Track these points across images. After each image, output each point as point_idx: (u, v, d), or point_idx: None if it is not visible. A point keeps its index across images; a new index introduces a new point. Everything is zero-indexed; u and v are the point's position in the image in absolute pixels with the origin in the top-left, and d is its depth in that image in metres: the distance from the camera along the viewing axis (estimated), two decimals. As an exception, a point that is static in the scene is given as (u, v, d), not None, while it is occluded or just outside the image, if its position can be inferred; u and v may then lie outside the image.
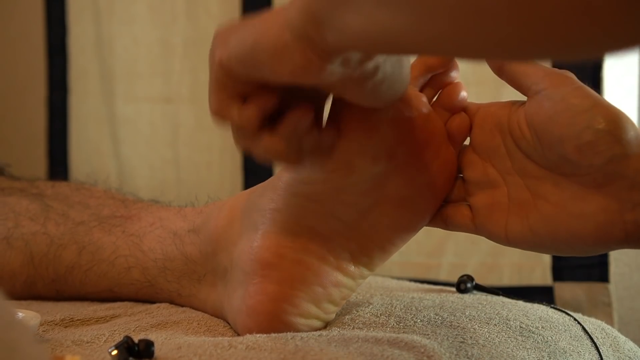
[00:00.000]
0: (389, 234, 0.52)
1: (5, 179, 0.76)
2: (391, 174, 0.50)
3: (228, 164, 1.18)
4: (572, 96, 0.45)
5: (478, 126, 0.51)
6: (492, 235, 0.50)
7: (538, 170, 0.47)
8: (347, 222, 0.51)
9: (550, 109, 0.45)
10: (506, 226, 0.49)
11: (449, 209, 0.52)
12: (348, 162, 0.49)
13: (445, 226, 0.53)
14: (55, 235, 0.65)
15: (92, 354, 0.48)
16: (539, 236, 0.47)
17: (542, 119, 0.46)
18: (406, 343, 0.47)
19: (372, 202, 0.51)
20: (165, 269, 0.60)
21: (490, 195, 0.50)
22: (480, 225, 0.50)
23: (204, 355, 0.44)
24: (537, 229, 0.47)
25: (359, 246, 0.52)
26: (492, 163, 0.50)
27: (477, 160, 0.51)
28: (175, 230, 0.61)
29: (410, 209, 0.52)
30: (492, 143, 0.50)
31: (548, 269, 1.03)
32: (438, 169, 0.51)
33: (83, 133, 1.24)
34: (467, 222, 0.51)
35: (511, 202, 0.49)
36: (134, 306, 0.61)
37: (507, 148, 0.49)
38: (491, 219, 0.50)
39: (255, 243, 0.51)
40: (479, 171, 0.51)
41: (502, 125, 0.49)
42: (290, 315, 0.51)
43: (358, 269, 0.53)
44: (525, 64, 0.48)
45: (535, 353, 0.53)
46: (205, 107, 1.37)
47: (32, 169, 1.13)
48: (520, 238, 0.48)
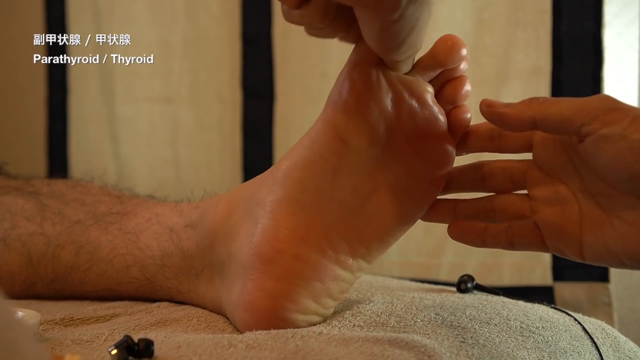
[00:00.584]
0: (387, 224, 0.52)
1: (1, 177, 0.76)
2: (389, 159, 0.51)
3: (228, 164, 1.18)
4: (632, 131, 0.42)
5: (539, 144, 0.49)
6: (566, 254, 0.48)
7: (610, 190, 0.46)
8: (345, 211, 0.51)
9: (612, 150, 0.43)
10: (581, 244, 0.47)
11: (515, 228, 0.51)
12: (344, 139, 0.50)
13: (512, 247, 0.51)
14: (52, 235, 0.65)
15: (91, 353, 0.48)
16: (616, 254, 0.46)
17: (604, 162, 0.44)
18: (406, 343, 0.47)
19: (370, 188, 0.51)
20: (163, 266, 0.60)
21: (561, 212, 0.48)
22: (552, 243, 0.49)
23: (204, 355, 0.44)
24: (613, 248, 0.46)
25: (357, 237, 0.52)
26: (561, 180, 0.49)
27: (544, 177, 0.50)
28: (171, 225, 0.61)
29: (409, 199, 0.52)
30: (558, 161, 0.48)
31: (548, 269, 1.03)
32: (437, 160, 0.51)
33: (83, 133, 1.24)
34: (537, 241, 0.50)
35: (583, 219, 0.47)
36: (134, 305, 0.61)
37: (574, 166, 0.48)
38: (565, 238, 0.48)
39: (255, 237, 0.51)
40: (548, 188, 0.49)
41: (566, 143, 0.48)
42: (289, 311, 0.50)
43: (356, 262, 0.52)
44: (551, 101, 0.46)
45: (536, 353, 0.53)
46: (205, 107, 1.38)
47: (32, 169, 1.13)
48: (597, 255, 0.47)
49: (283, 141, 1.14)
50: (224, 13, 1.16)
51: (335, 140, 0.50)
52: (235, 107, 1.17)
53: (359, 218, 0.51)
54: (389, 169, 0.51)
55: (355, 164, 0.50)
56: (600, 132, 0.44)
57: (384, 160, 0.51)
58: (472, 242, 0.52)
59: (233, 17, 1.15)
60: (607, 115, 0.43)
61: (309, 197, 0.51)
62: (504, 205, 0.51)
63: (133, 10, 1.20)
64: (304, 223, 0.51)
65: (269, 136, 1.15)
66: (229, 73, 1.17)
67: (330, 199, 0.51)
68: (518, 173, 0.51)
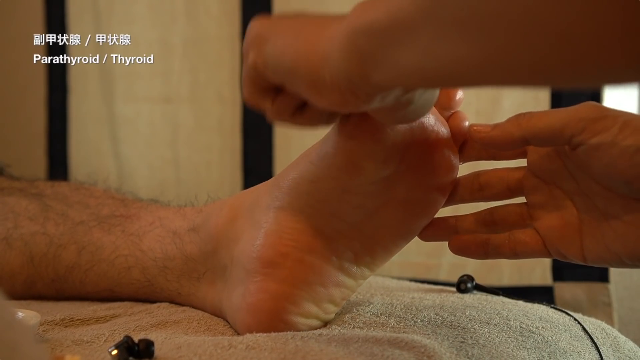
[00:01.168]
0: (394, 235, 0.52)
1: (5, 179, 0.76)
2: (400, 176, 0.50)
3: (228, 164, 1.18)
4: (622, 138, 0.42)
5: (533, 151, 0.49)
6: (568, 257, 0.48)
7: (606, 192, 0.46)
8: (352, 223, 0.51)
9: (605, 158, 0.43)
10: (582, 247, 0.47)
11: (516, 237, 0.50)
12: (356, 164, 0.49)
13: (515, 256, 0.51)
14: (54, 235, 0.65)
15: (92, 353, 0.48)
16: (617, 254, 0.46)
17: (598, 169, 0.44)
18: (406, 343, 0.47)
19: (378, 204, 0.50)
20: (165, 268, 0.60)
21: (559, 216, 0.49)
22: (554, 248, 0.49)
23: (204, 355, 0.44)
24: (613, 248, 0.46)
25: (362, 246, 0.52)
26: (557, 185, 0.49)
27: (540, 183, 0.50)
28: (174, 229, 0.61)
29: (416, 210, 0.51)
30: (553, 166, 0.48)
31: (548, 269, 1.03)
32: (445, 170, 0.51)
33: (83, 133, 1.24)
34: (539, 247, 0.50)
35: (582, 222, 0.47)
36: (134, 306, 0.61)
37: (569, 171, 0.48)
38: (565, 242, 0.48)
39: (258, 241, 0.51)
40: (545, 194, 0.49)
41: (559, 149, 0.48)
42: (290, 314, 0.51)
43: (360, 270, 0.53)
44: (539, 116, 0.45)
45: (536, 353, 0.53)
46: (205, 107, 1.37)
47: (32, 169, 1.13)
48: (598, 257, 0.47)
49: (283, 141, 1.14)
50: (224, 13, 1.16)
51: (347, 164, 0.49)
52: (235, 107, 1.17)
53: (365, 229, 0.51)
54: (399, 185, 0.50)
55: (366, 184, 0.50)
56: (591, 142, 0.43)
57: (394, 178, 0.50)
58: (474, 255, 0.52)
59: (233, 17, 1.15)
60: (596, 124, 0.43)
61: (315, 209, 0.50)
62: (504, 216, 0.51)
63: (133, 10, 1.20)
64: (309, 230, 0.50)
65: (269, 136, 1.15)
66: (229, 73, 1.17)
67: (336, 212, 0.50)
68: (514, 181, 0.51)
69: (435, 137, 0.50)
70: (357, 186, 0.50)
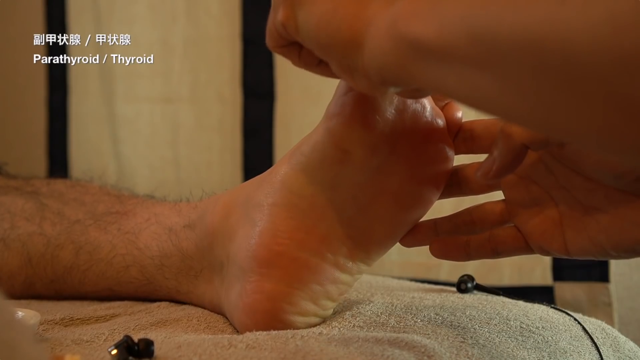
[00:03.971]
0: (388, 229, 0.52)
1: (1, 177, 0.76)
2: (392, 167, 0.50)
3: (228, 164, 1.18)
4: None
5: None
6: (551, 252, 0.48)
7: (587, 183, 0.45)
8: (345, 217, 0.51)
9: (594, 154, 0.43)
10: (564, 241, 0.47)
11: (496, 236, 0.50)
12: (345, 150, 0.49)
13: (496, 255, 0.50)
14: (51, 235, 0.65)
15: (91, 353, 0.48)
16: (601, 246, 0.45)
17: (587, 166, 0.44)
18: (406, 343, 0.47)
19: (371, 196, 0.50)
20: (162, 266, 0.60)
21: (539, 212, 0.48)
22: (536, 244, 0.48)
23: (204, 355, 0.44)
24: (598, 240, 0.45)
25: (356, 241, 0.51)
26: (534, 180, 0.48)
27: (516, 179, 0.49)
28: (170, 225, 0.61)
29: (410, 203, 0.51)
30: (527, 161, 0.47)
31: (548, 269, 1.03)
32: (438, 160, 0.51)
33: (83, 133, 1.24)
34: (521, 245, 0.49)
35: (563, 216, 0.47)
36: (134, 305, 0.61)
37: (545, 164, 0.47)
38: (547, 237, 0.47)
39: (253, 240, 0.51)
40: (521, 190, 0.49)
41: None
42: (288, 313, 0.50)
43: (355, 265, 0.52)
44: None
45: (536, 353, 0.53)
46: (205, 107, 1.37)
47: (32, 169, 1.13)
48: (582, 249, 0.46)
49: (283, 141, 1.14)
50: (224, 13, 1.16)
51: (336, 151, 0.49)
52: (235, 107, 1.17)
53: (359, 223, 0.51)
54: (391, 176, 0.50)
55: (357, 173, 0.50)
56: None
57: (386, 168, 0.50)
58: (456, 258, 0.51)
59: (233, 17, 1.15)
60: None
61: (307, 203, 0.50)
62: (483, 215, 0.51)
63: (133, 11, 1.20)
64: (303, 227, 0.50)
65: (269, 136, 1.15)
66: (229, 73, 1.17)
67: (329, 206, 0.50)
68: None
69: (430, 127, 0.50)
70: (348, 176, 0.49)
